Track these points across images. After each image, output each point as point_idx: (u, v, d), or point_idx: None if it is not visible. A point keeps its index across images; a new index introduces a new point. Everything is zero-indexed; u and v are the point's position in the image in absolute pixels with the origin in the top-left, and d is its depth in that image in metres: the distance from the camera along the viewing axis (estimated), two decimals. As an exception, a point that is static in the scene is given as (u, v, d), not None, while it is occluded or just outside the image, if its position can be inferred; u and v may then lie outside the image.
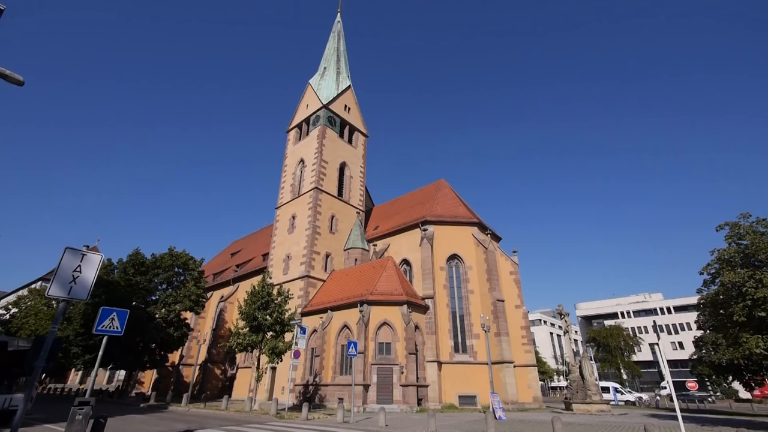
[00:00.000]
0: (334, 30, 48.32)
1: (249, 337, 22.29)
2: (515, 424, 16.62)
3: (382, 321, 24.82)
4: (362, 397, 22.50)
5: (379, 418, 14.68)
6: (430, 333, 26.57)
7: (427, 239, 29.91)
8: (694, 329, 50.84)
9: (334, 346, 26.09)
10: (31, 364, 6.55)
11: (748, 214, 17.52)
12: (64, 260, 7.16)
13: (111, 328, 8.60)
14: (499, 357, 25.99)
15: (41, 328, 34.60)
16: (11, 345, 12.90)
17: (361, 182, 40.34)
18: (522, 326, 29.09)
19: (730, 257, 17.29)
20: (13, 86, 8.08)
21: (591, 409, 22.94)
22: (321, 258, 32.76)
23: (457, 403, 25.25)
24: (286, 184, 39.14)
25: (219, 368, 37.85)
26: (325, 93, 40.66)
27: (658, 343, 12.57)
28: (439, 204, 33.12)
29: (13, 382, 13.87)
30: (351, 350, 18.27)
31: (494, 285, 28.26)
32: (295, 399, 26.56)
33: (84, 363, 28.28)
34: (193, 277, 31.90)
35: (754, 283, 15.35)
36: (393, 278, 26.87)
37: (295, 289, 30.60)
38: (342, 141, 39.90)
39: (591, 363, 28.40)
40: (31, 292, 41.69)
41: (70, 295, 7.15)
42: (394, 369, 23.59)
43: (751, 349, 15.53)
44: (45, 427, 13.38)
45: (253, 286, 24.05)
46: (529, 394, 27.28)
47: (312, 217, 33.35)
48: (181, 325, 30.97)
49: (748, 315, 15.48)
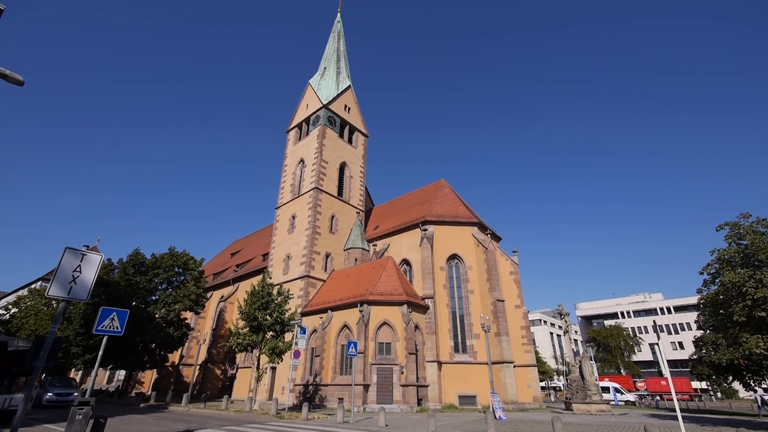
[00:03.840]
0: (334, 30, 48.32)
1: (249, 337, 22.28)
2: (515, 424, 16.62)
3: (382, 321, 24.82)
4: (362, 397, 22.50)
5: (379, 418, 14.67)
6: (430, 333, 26.57)
7: (427, 239, 29.91)
8: (694, 329, 50.89)
9: (334, 346, 26.08)
10: (31, 364, 6.55)
11: (748, 214, 17.54)
12: (64, 260, 7.17)
13: (111, 328, 8.60)
14: (499, 357, 25.99)
15: (41, 328, 34.55)
16: (11, 345, 12.88)
17: (361, 182, 40.34)
18: (522, 326, 29.07)
19: (730, 257, 17.29)
20: (13, 86, 8.08)
21: (591, 409, 22.94)
22: (321, 258, 32.76)
23: (457, 403, 25.25)
24: (286, 184, 39.15)
25: (219, 368, 37.85)
26: (325, 93, 40.66)
27: (658, 343, 12.57)
28: (439, 204, 33.12)
29: (13, 382, 13.86)
30: (351, 350, 18.25)
31: (494, 285, 28.26)
32: (295, 399, 26.56)
33: (84, 363, 28.28)
34: (193, 277, 31.89)
35: (754, 283, 15.35)
36: (393, 278, 26.87)
37: (295, 289, 30.60)
38: (342, 141, 39.90)
39: (591, 363, 28.40)
40: (31, 292, 41.58)
41: (70, 295, 7.15)
42: (394, 369, 23.58)
43: (751, 349, 15.53)
44: (45, 427, 13.37)
45: (253, 286, 24.04)
46: (529, 394, 27.27)
47: (312, 217, 33.35)
48: (181, 325, 30.95)
49: (748, 315, 15.49)
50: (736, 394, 56.94)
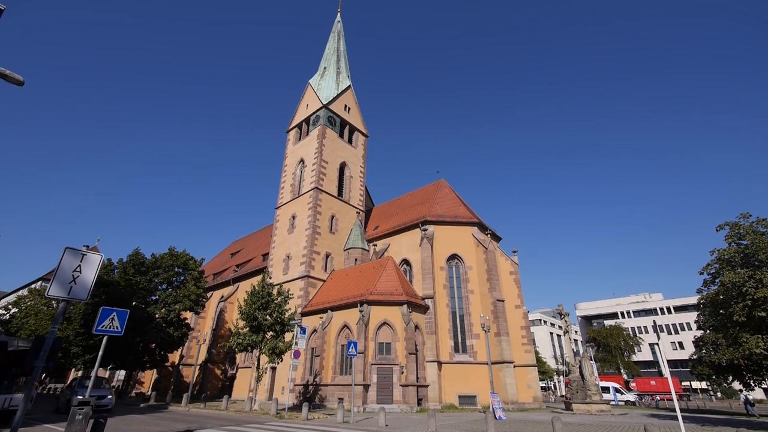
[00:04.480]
0: (334, 30, 48.31)
1: (249, 337, 22.27)
2: (515, 424, 16.62)
3: (382, 321, 24.82)
4: (362, 397, 22.49)
5: (379, 418, 14.67)
6: (430, 333, 26.56)
7: (427, 239, 29.90)
8: (694, 329, 50.89)
9: (334, 346, 26.08)
10: (31, 364, 6.55)
11: (748, 214, 17.54)
12: (64, 260, 7.17)
13: (111, 328, 8.59)
14: (499, 357, 25.98)
15: (41, 328, 34.56)
16: (11, 345, 12.90)
17: (361, 182, 40.33)
18: (522, 326, 29.06)
19: (730, 257, 17.30)
20: (13, 86, 8.08)
21: (591, 409, 22.94)
22: (321, 258, 32.75)
23: (457, 403, 25.24)
24: (286, 184, 39.14)
25: (219, 368, 37.84)
26: (325, 93, 40.65)
27: (658, 343, 12.58)
28: (439, 204, 33.11)
29: (13, 382, 13.87)
30: (351, 350, 18.25)
31: (494, 285, 28.25)
32: (295, 399, 26.55)
33: (84, 363, 28.24)
34: (193, 277, 31.86)
35: (754, 283, 15.35)
36: (393, 278, 26.86)
37: (295, 289, 30.59)
38: (342, 141, 39.88)
39: (591, 363, 28.39)
40: (31, 292, 41.62)
41: (70, 295, 7.15)
42: (394, 369, 23.58)
43: (751, 349, 15.54)
44: (45, 427, 13.36)
45: (253, 286, 24.03)
46: (529, 394, 27.26)
47: (312, 217, 33.35)
48: (181, 325, 30.93)
49: (748, 315, 15.48)
50: (737, 394, 56.90)
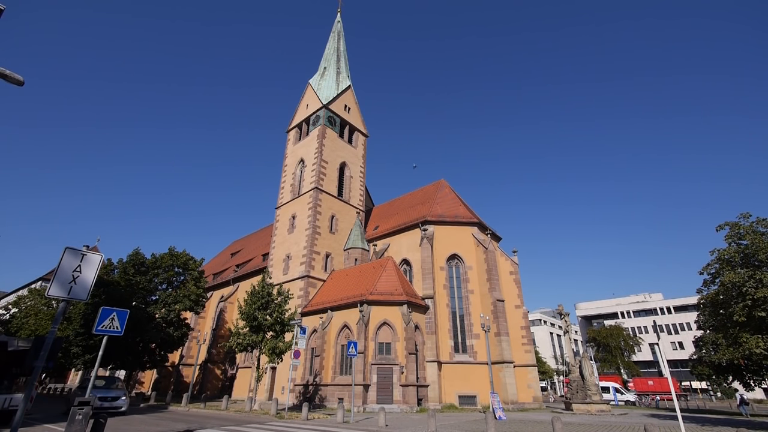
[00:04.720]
0: (334, 30, 48.30)
1: (249, 337, 22.26)
2: (515, 424, 16.61)
3: (382, 321, 24.81)
4: (362, 397, 22.49)
5: (379, 418, 14.67)
6: (430, 333, 26.55)
7: (427, 239, 29.90)
8: (694, 329, 50.89)
9: (334, 346, 26.07)
10: (31, 364, 6.55)
11: (748, 214, 17.53)
12: (64, 260, 7.16)
13: (111, 328, 8.58)
14: (499, 357, 25.98)
15: (41, 328, 34.53)
16: (11, 345, 12.89)
17: (361, 182, 40.32)
18: (522, 326, 29.06)
19: (730, 257, 17.29)
20: (13, 86, 8.08)
21: (591, 409, 22.93)
22: (321, 258, 32.75)
23: (457, 403, 25.24)
24: (286, 184, 39.13)
25: (219, 368, 37.83)
26: (325, 93, 40.64)
27: (658, 343, 12.58)
28: (439, 204, 33.11)
29: (13, 382, 13.86)
30: (351, 350, 18.24)
31: (494, 285, 28.24)
32: (295, 399, 26.55)
33: (84, 363, 28.21)
34: (193, 277, 31.83)
35: (754, 283, 15.35)
36: (393, 278, 26.86)
37: (295, 289, 30.59)
38: (342, 141, 39.88)
39: (591, 363, 28.38)
40: (31, 292, 41.58)
41: (70, 295, 7.15)
42: (394, 369, 23.57)
43: (751, 349, 15.53)
44: (45, 427, 13.35)
45: (253, 286, 24.02)
46: (529, 394, 27.26)
47: (312, 217, 33.34)
48: (181, 325, 30.90)
49: (748, 315, 15.48)
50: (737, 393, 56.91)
